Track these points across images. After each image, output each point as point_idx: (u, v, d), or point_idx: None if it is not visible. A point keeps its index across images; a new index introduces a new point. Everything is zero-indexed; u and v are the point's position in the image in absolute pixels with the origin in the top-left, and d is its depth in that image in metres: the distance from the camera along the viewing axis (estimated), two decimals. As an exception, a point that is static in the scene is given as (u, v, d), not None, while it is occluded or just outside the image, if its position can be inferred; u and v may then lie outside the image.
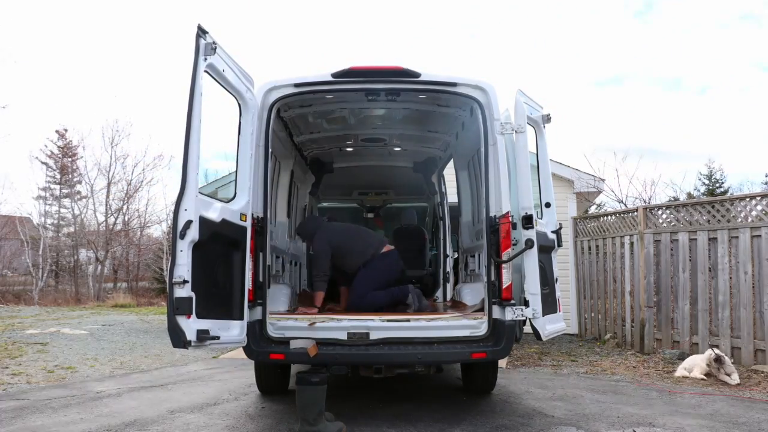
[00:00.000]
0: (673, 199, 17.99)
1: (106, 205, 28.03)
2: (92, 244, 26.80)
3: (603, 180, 12.77)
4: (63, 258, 29.39)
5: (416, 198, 9.28)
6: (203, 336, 3.85)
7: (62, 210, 32.48)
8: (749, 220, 7.23)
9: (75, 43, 53.81)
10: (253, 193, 4.57)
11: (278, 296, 5.50)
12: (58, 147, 32.58)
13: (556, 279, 5.35)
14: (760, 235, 6.97)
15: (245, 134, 4.59)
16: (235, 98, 4.57)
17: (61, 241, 29.89)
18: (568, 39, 58.53)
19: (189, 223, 3.82)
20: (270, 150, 4.81)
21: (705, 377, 6.68)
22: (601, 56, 59.98)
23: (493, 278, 4.64)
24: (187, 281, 3.76)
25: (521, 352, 8.77)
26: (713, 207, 7.70)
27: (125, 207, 28.75)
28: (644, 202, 15.48)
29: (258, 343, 4.56)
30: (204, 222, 3.96)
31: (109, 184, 27.85)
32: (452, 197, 8.00)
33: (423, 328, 4.78)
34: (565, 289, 10.47)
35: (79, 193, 31.77)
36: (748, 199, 7.42)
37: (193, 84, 3.89)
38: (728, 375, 6.53)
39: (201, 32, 3.95)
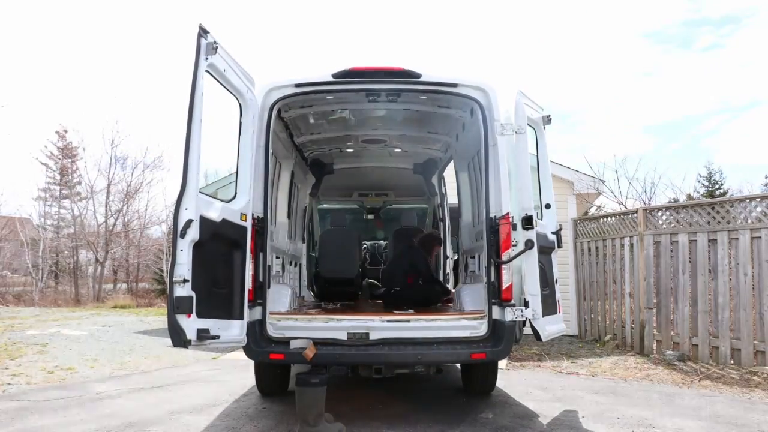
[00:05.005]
0: (672, 200, 17.98)
1: (106, 206, 28.02)
2: (92, 245, 26.77)
3: (603, 181, 12.77)
4: (63, 259, 29.36)
5: (416, 199, 9.27)
6: (203, 335, 3.85)
7: (62, 211, 32.45)
8: (749, 221, 7.23)
9: (75, 43, 53.90)
10: (254, 193, 4.58)
11: (278, 296, 5.50)
12: (58, 148, 32.54)
13: (556, 280, 5.35)
14: (760, 237, 6.97)
15: (246, 134, 4.59)
16: (236, 98, 4.57)
17: (60, 242, 29.84)
18: (569, 38, 58.63)
19: (189, 222, 3.82)
20: (270, 150, 4.82)
21: None
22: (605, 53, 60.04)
23: (493, 279, 4.64)
24: (187, 280, 3.76)
25: (521, 353, 8.76)
26: (713, 208, 7.71)
27: (125, 208, 28.77)
28: (644, 203, 15.48)
29: (258, 342, 4.56)
30: (204, 221, 3.97)
31: (108, 185, 27.85)
32: (452, 199, 8.00)
33: (423, 328, 4.78)
34: (565, 291, 10.46)
35: (78, 194, 31.73)
36: (748, 201, 7.42)
37: (194, 84, 3.89)
38: None
39: (202, 32, 3.95)
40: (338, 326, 4.70)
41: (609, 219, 10.20)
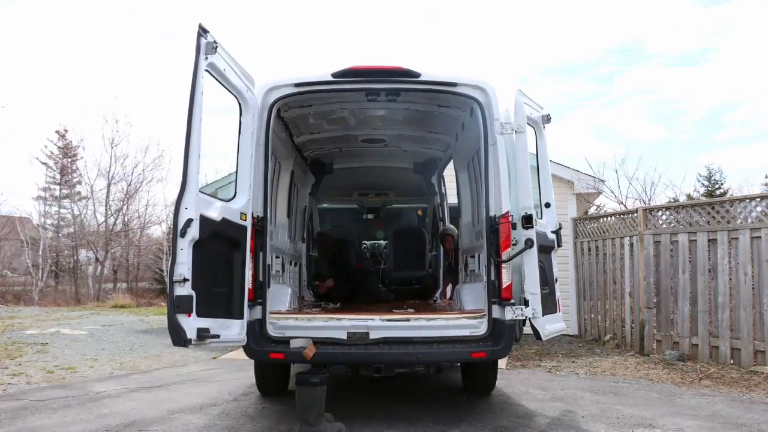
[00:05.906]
0: (672, 200, 17.96)
1: (106, 205, 28.07)
2: (92, 244, 26.79)
3: (603, 181, 12.77)
4: (63, 258, 29.41)
5: (416, 199, 9.27)
6: (203, 334, 3.85)
7: (62, 210, 32.47)
8: (749, 221, 7.23)
9: (75, 43, 53.90)
10: (253, 193, 4.58)
11: (278, 296, 5.50)
12: (58, 147, 32.56)
13: (556, 279, 5.35)
14: (759, 237, 6.96)
15: (245, 134, 4.59)
16: (236, 98, 4.57)
17: (60, 241, 29.88)
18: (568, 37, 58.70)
19: (190, 221, 3.82)
20: (270, 150, 4.82)
21: None
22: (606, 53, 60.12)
23: (492, 278, 4.64)
24: (187, 279, 3.76)
25: (521, 352, 8.76)
26: (713, 208, 7.70)
27: (125, 207, 28.80)
28: (644, 203, 15.47)
29: (258, 342, 4.56)
30: (204, 221, 3.97)
31: (108, 185, 27.90)
32: (452, 198, 8.00)
33: (423, 327, 4.78)
34: (565, 290, 10.45)
35: (78, 193, 31.78)
36: (748, 201, 7.42)
37: (194, 83, 3.89)
38: None
39: (202, 31, 3.95)
40: (338, 325, 4.70)
41: (609, 219, 10.20)
